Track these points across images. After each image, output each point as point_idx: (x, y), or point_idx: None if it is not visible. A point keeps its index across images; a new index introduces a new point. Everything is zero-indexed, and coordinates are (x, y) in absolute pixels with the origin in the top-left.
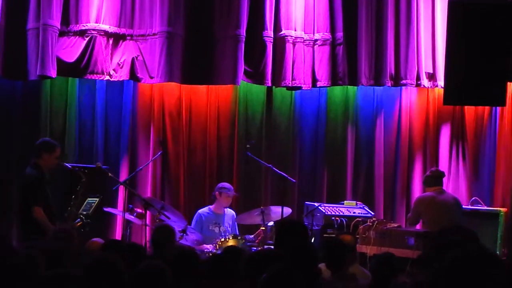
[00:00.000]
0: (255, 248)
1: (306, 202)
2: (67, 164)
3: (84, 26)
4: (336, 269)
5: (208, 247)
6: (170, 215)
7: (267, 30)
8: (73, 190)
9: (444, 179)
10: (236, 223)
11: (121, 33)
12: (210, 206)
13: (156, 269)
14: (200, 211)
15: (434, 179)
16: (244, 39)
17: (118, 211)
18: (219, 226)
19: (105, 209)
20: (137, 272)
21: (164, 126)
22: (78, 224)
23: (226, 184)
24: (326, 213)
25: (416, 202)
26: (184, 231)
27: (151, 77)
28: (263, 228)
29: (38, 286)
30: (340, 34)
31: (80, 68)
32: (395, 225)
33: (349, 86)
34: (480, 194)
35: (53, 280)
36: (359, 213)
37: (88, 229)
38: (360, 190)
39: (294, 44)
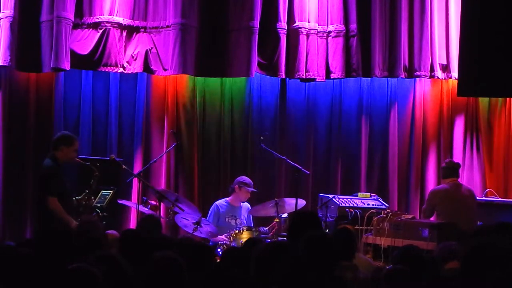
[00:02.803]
0: (269, 240)
1: (320, 194)
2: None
3: (98, 19)
4: (347, 259)
5: (223, 237)
6: (184, 207)
7: (280, 21)
8: (87, 184)
9: (459, 170)
10: (250, 215)
11: (134, 25)
12: (227, 198)
13: (170, 261)
14: (217, 202)
15: (449, 170)
16: (257, 31)
17: (132, 203)
18: (236, 218)
19: (119, 202)
20: (151, 263)
21: (178, 118)
22: (96, 217)
23: (247, 179)
24: (340, 204)
25: (430, 194)
26: (198, 223)
27: (165, 69)
28: (277, 220)
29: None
30: (354, 26)
31: (93, 60)
32: (409, 217)
33: (363, 78)
34: (495, 186)
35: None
36: (373, 204)
37: (104, 222)
38: (374, 181)
39: (307, 36)
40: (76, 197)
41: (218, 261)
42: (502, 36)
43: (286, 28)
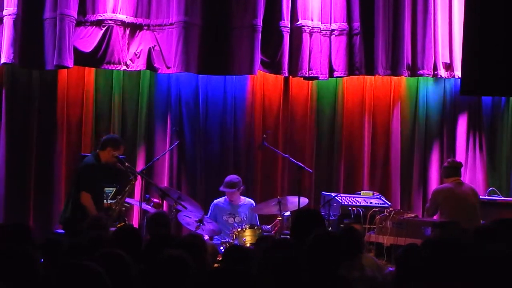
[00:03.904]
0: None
1: (323, 192)
2: (121, 157)
3: (101, 16)
4: (352, 259)
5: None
6: (187, 205)
7: (284, 20)
8: (119, 188)
9: (461, 170)
10: (255, 213)
11: (138, 23)
12: (226, 197)
13: (178, 259)
14: (216, 201)
15: (452, 170)
16: (261, 29)
17: (135, 201)
18: (234, 216)
19: None
20: (159, 261)
21: (180, 116)
22: (120, 225)
23: (227, 179)
24: (343, 203)
25: (434, 193)
26: (201, 221)
27: (168, 67)
28: (280, 218)
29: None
30: (357, 24)
31: (97, 58)
32: (412, 215)
33: (365, 76)
34: (497, 184)
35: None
36: (376, 203)
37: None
38: (377, 180)
39: (311, 34)
40: (109, 201)
41: (220, 259)
42: (505, 35)
43: (289, 26)
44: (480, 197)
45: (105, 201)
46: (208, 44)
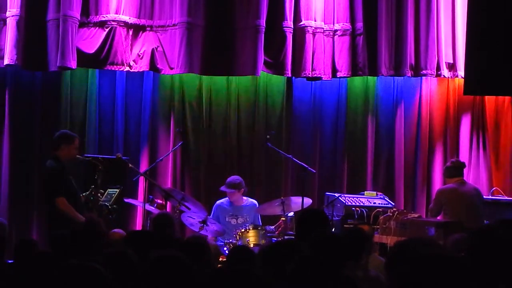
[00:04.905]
0: (275, 239)
1: (327, 193)
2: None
3: (104, 17)
4: (356, 259)
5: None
6: (191, 206)
7: (287, 20)
8: (92, 180)
9: (465, 169)
10: (258, 213)
11: (141, 24)
12: (228, 197)
13: (172, 259)
14: (218, 201)
15: (455, 170)
16: (264, 30)
17: (139, 202)
18: (237, 217)
19: (126, 200)
20: (152, 261)
21: (184, 116)
22: (106, 211)
23: (228, 179)
24: (346, 203)
25: (438, 193)
26: (204, 221)
27: (171, 68)
28: (284, 218)
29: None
30: (360, 25)
31: (100, 59)
32: (416, 215)
33: (369, 77)
34: (501, 184)
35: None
36: (379, 203)
37: (115, 216)
38: (380, 180)
39: (314, 34)
40: (83, 194)
41: (224, 259)
42: (508, 35)
43: (292, 26)
44: (484, 197)
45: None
46: (211, 45)
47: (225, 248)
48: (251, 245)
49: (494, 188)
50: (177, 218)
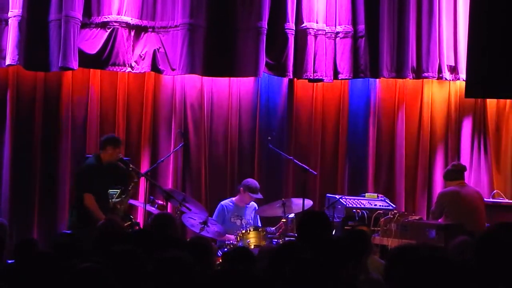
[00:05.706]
0: (276, 240)
1: (328, 194)
2: (126, 158)
3: (106, 18)
4: (356, 261)
5: (231, 237)
6: (191, 207)
7: (288, 22)
8: (124, 187)
9: (466, 172)
10: (258, 215)
11: (142, 25)
12: (233, 198)
13: (178, 260)
14: (222, 202)
15: (456, 173)
16: (265, 31)
17: (140, 203)
18: (241, 218)
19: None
20: (158, 262)
21: (185, 118)
22: (127, 224)
23: (253, 184)
24: (347, 205)
25: (439, 196)
26: (205, 222)
27: (173, 69)
28: (284, 220)
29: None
30: (362, 27)
31: (101, 60)
32: (416, 218)
33: (370, 79)
34: (502, 187)
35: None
36: (380, 205)
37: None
38: (381, 182)
39: (315, 36)
40: (113, 200)
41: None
42: (511, 38)
43: (294, 28)
44: (485, 199)
45: (110, 200)
46: (213, 46)
47: (226, 249)
48: (252, 247)
49: (495, 191)
50: (178, 219)
